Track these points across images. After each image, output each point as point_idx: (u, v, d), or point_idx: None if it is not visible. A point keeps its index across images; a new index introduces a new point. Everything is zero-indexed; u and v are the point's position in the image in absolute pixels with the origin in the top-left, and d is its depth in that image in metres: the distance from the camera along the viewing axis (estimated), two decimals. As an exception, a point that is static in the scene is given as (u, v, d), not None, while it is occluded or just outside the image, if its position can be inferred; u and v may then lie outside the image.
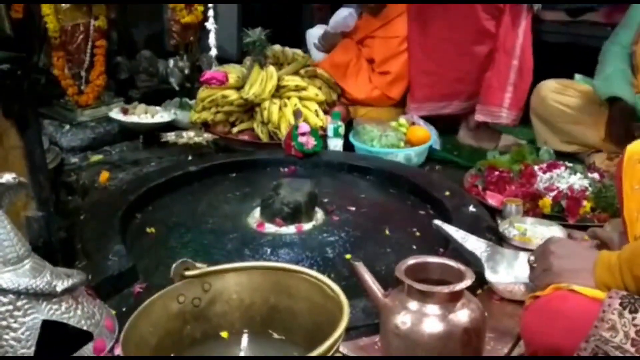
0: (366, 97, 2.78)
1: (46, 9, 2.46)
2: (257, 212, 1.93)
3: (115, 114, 2.63)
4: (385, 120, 2.64)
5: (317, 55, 2.91)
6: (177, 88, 2.98)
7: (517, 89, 2.53)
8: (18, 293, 1.02)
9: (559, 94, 2.44)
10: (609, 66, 2.30)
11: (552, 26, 3.10)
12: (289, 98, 2.57)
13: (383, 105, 2.81)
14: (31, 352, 1.01)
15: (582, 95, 2.40)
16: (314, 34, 2.95)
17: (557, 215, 1.90)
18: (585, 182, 2.01)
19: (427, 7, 2.61)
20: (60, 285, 1.05)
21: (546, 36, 3.04)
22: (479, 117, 2.61)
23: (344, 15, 2.80)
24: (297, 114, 2.45)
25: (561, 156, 2.34)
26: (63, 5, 2.51)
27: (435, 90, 2.68)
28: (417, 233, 1.83)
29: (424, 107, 2.71)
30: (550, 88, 2.47)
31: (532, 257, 1.15)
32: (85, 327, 1.07)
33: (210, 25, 2.50)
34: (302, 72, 2.73)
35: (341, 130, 2.46)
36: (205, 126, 2.59)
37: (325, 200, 2.01)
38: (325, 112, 2.63)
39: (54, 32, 2.50)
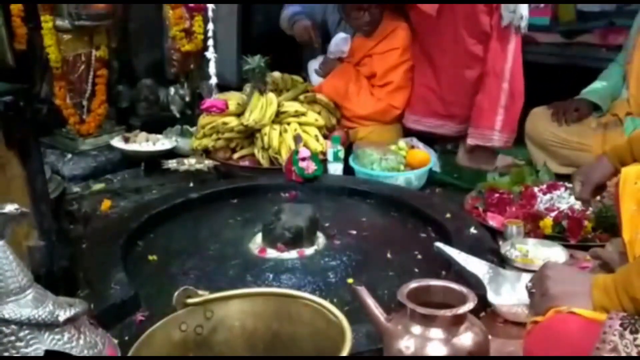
0: (371, 112, 2.79)
1: (48, 40, 2.50)
2: (258, 237, 1.93)
3: (117, 142, 2.64)
4: (384, 143, 2.65)
5: (318, 82, 2.94)
6: (177, 115, 3.00)
7: (509, 112, 2.53)
8: (20, 324, 1.01)
9: (551, 121, 2.45)
10: (599, 80, 2.46)
11: (548, 48, 3.14)
12: (288, 123, 2.59)
13: (388, 118, 2.81)
14: (33, 383, 1.01)
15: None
16: (315, 64, 3.00)
17: (559, 235, 1.90)
18: (586, 202, 2.01)
19: (423, 30, 2.65)
20: (63, 315, 1.04)
21: (542, 58, 3.08)
22: (471, 140, 2.61)
23: (336, 41, 2.84)
24: (297, 139, 2.47)
25: (561, 177, 2.35)
26: (64, 36, 2.55)
27: (432, 107, 2.71)
28: (419, 256, 1.83)
29: (423, 122, 2.73)
30: (542, 115, 2.49)
31: (530, 284, 1.16)
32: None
33: (210, 54, 2.53)
34: (302, 97, 2.75)
35: (341, 154, 2.48)
36: (206, 152, 2.60)
37: (327, 224, 2.01)
38: (325, 137, 2.64)
39: (56, 62, 2.54)
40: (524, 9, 2.44)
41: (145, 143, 2.64)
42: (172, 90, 3.00)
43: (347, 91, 2.81)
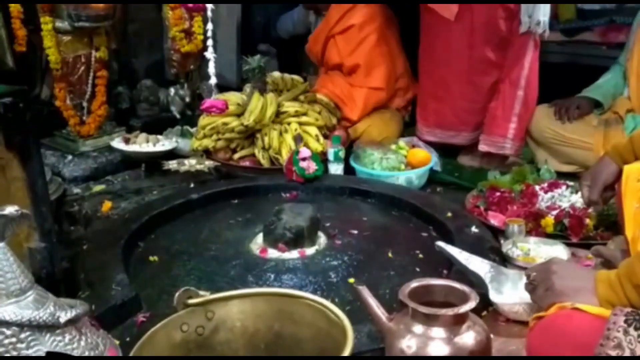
0: (364, 106, 2.79)
1: (48, 41, 2.49)
2: (259, 237, 1.93)
3: (117, 143, 2.64)
4: (385, 141, 2.65)
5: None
6: (178, 116, 3.00)
7: (521, 120, 2.51)
8: (21, 325, 1.01)
9: (553, 119, 2.45)
10: (601, 79, 2.47)
11: (549, 46, 3.14)
12: (289, 123, 2.59)
13: (378, 102, 2.83)
14: (34, 385, 1.00)
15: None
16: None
17: (560, 234, 1.89)
18: (587, 201, 2.01)
19: (433, 34, 2.62)
20: (64, 317, 1.04)
21: (543, 56, 3.07)
22: (483, 147, 2.59)
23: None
24: (298, 139, 2.47)
25: (562, 175, 2.34)
26: (64, 37, 2.54)
27: (443, 117, 2.68)
28: (420, 255, 1.83)
29: (435, 132, 2.72)
30: (543, 113, 2.49)
31: (533, 274, 1.15)
32: (88, 359, 1.06)
33: (209, 54, 2.52)
34: (302, 97, 2.75)
35: (342, 154, 2.47)
36: (207, 153, 2.60)
37: (328, 224, 2.01)
38: (326, 137, 2.64)
39: (56, 63, 2.53)
40: (541, 14, 2.39)
41: (145, 144, 2.64)
42: (172, 91, 3.00)
43: (340, 97, 2.82)
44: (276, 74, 2.84)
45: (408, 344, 1.09)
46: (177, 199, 2.19)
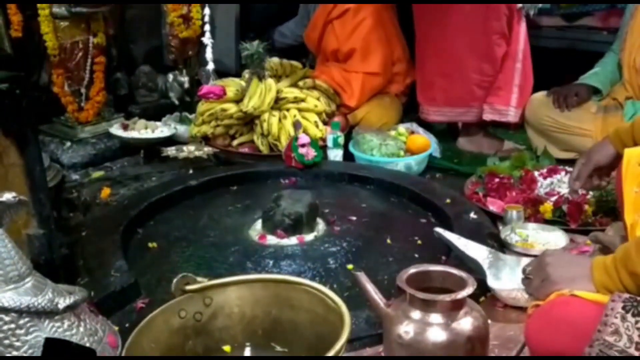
0: (360, 93, 2.78)
1: (45, 27, 2.48)
2: (258, 224, 1.93)
3: (116, 130, 2.63)
4: (384, 127, 2.64)
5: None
6: (176, 102, 2.98)
7: (522, 89, 2.58)
8: (20, 312, 1.01)
9: (551, 107, 2.44)
10: (597, 65, 2.49)
11: (549, 31, 3.12)
12: (288, 110, 2.58)
13: (376, 88, 2.82)
14: (34, 370, 1.01)
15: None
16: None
17: (559, 220, 1.89)
18: (586, 187, 2.00)
19: (439, 14, 2.59)
20: (62, 303, 1.05)
21: (544, 41, 3.05)
22: (487, 116, 2.61)
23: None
24: (297, 125, 2.46)
25: (561, 161, 2.34)
26: (61, 23, 2.53)
27: (452, 94, 2.66)
28: (419, 242, 1.83)
29: (444, 111, 2.71)
30: (541, 101, 2.48)
31: (528, 268, 1.16)
32: (87, 344, 1.07)
33: (207, 39, 2.50)
34: (301, 83, 2.74)
35: (341, 140, 2.47)
36: (206, 139, 2.59)
37: (327, 210, 2.01)
38: (325, 123, 2.63)
39: (53, 50, 2.51)
40: None
41: (144, 130, 2.63)
42: (170, 77, 2.98)
43: (338, 83, 2.81)
44: (275, 59, 2.82)
45: (406, 330, 1.09)
46: (176, 186, 2.19)
